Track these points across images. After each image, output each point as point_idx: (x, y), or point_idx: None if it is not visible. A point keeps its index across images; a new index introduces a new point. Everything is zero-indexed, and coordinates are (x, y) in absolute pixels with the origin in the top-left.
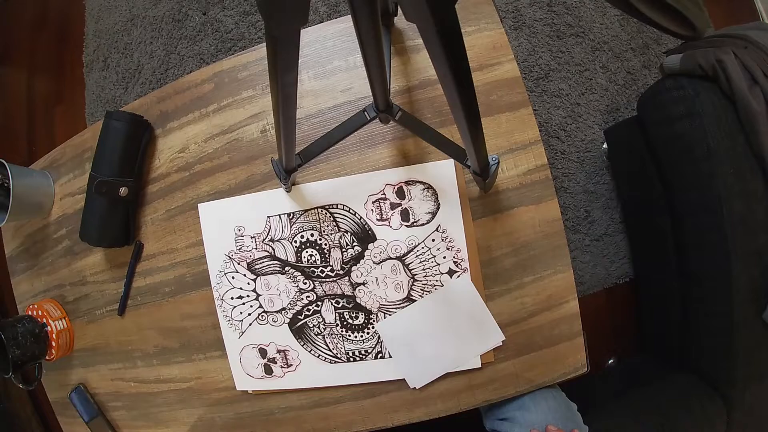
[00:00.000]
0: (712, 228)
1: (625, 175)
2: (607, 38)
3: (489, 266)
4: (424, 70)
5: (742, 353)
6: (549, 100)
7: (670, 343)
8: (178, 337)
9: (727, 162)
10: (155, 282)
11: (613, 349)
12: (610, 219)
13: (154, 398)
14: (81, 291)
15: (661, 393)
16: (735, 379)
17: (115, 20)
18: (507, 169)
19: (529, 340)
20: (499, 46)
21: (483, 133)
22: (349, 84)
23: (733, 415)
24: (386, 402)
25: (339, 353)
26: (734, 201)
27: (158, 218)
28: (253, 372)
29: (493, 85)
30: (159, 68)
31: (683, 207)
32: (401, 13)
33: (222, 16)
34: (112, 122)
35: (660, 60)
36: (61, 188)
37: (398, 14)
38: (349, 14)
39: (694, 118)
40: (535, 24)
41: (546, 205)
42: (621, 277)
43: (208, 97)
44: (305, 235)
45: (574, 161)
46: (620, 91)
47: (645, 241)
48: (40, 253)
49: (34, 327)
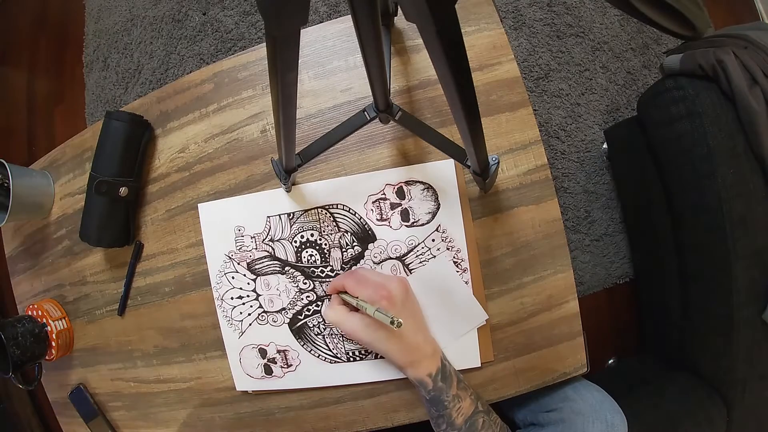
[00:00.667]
0: (712, 228)
1: (625, 175)
2: (607, 38)
3: (489, 266)
4: (424, 70)
5: (742, 353)
6: (549, 100)
7: (670, 343)
8: (178, 337)
9: (727, 162)
10: (155, 282)
11: (613, 349)
12: (610, 219)
13: (154, 398)
14: (81, 291)
15: (661, 393)
16: (735, 379)
17: (115, 20)
18: (507, 169)
19: (529, 340)
20: (499, 46)
21: (483, 134)
22: (349, 84)
23: (734, 414)
24: (386, 402)
25: (339, 353)
26: (734, 201)
27: (158, 218)
28: (253, 372)
29: (493, 85)
30: (159, 68)
31: (683, 207)
32: (401, 14)
33: (222, 16)
34: (112, 122)
35: (660, 60)
36: (61, 188)
37: (398, 14)
38: (349, 14)
39: (694, 118)
40: (535, 24)
41: (546, 205)
42: (621, 277)
43: (208, 97)
44: (305, 235)
45: (574, 161)
46: (620, 91)
47: (645, 241)
48: (40, 253)
49: (34, 327)
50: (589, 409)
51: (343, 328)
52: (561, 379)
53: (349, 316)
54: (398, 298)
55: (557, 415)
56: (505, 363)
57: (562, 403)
